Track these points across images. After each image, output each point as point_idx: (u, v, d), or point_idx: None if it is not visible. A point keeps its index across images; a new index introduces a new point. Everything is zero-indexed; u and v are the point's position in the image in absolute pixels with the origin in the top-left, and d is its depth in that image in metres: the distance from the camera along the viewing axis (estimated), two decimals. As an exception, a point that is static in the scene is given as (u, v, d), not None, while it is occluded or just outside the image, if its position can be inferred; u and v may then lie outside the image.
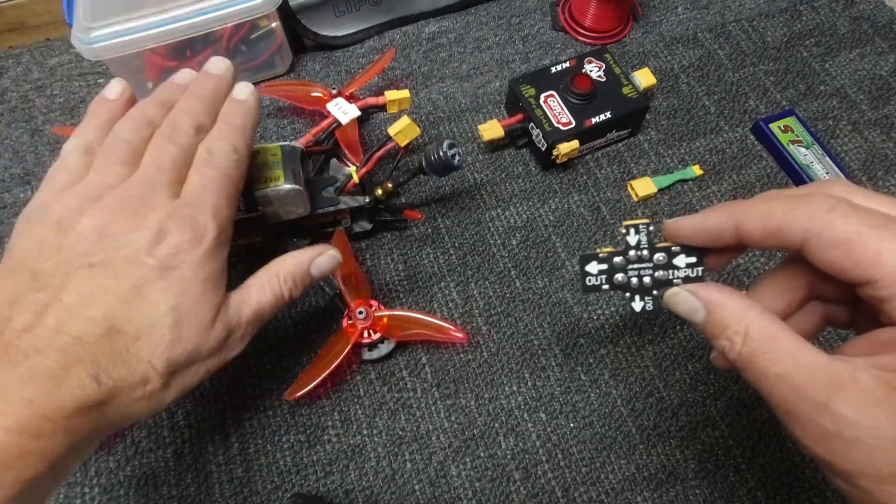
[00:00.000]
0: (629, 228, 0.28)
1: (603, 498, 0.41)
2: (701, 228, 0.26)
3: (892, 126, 0.55)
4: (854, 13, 0.62)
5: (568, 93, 0.51)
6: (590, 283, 0.28)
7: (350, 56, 0.60)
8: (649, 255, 0.27)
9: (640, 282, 0.28)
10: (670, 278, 0.27)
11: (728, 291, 0.25)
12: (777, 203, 0.23)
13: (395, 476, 0.42)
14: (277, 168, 0.42)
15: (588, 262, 0.28)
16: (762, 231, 0.23)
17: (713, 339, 0.24)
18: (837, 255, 0.21)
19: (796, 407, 0.21)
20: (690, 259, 0.27)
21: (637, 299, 0.28)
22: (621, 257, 0.28)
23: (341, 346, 0.42)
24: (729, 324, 0.23)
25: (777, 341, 0.22)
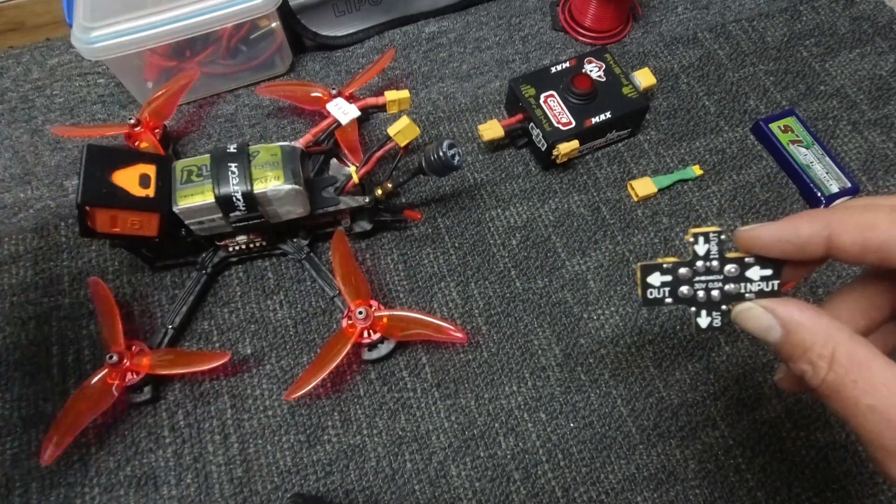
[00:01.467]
0: (697, 237, 0.25)
1: (603, 498, 0.41)
2: (785, 238, 0.23)
3: (892, 126, 0.55)
4: (854, 13, 0.62)
5: (568, 93, 0.51)
6: (651, 297, 0.25)
7: (350, 56, 0.60)
8: (719, 266, 0.25)
9: (707, 295, 0.25)
10: (742, 292, 0.25)
11: (811, 310, 0.22)
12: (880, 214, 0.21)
13: (395, 476, 0.42)
14: (277, 168, 0.42)
15: (650, 273, 0.25)
16: (861, 246, 0.21)
17: (790, 362, 0.22)
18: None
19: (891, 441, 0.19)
20: (766, 272, 0.24)
21: (703, 315, 0.25)
22: (687, 268, 0.25)
23: (341, 346, 0.42)
24: (812, 346, 0.21)
25: (869, 369, 0.20)
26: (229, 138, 0.55)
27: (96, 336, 0.46)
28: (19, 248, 0.50)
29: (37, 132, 0.56)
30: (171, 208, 0.41)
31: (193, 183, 0.41)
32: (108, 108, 0.57)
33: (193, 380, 0.45)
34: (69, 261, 0.49)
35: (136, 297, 0.47)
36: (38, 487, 0.41)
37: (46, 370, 0.45)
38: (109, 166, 0.40)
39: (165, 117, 0.51)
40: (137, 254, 0.46)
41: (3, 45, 0.61)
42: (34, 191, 0.53)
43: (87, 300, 0.47)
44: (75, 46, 0.47)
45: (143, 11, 0.48)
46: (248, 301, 0.47)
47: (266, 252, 0.48)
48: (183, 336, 0.46)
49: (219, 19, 0.49)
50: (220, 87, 0.57)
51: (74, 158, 0.54)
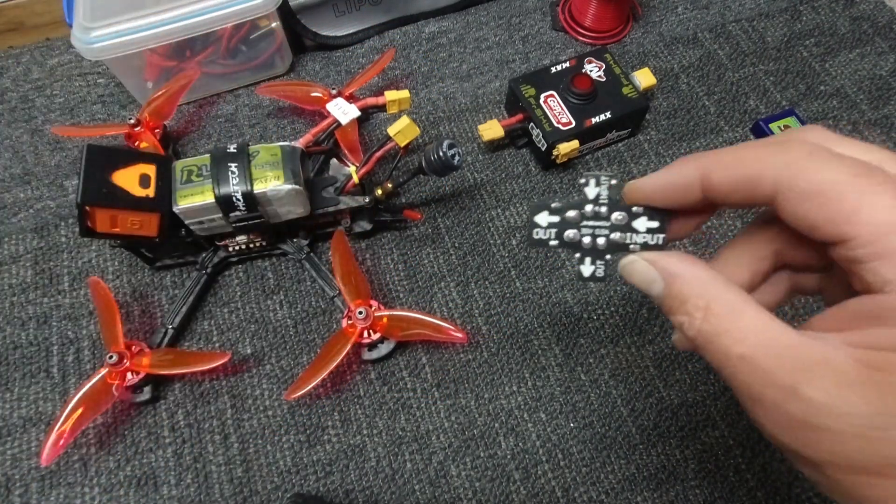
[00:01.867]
0: (589, 179, 0.25)
1: (603, 498, 0.41)
2: (665, 183, 0.23)
3: (892, 126, 0.55)
4: (854, 13, 0.62)
5: (568, 93, 0.51)
6: (537, 237, 0.25)
7: (350, 56, 0.60)
8: (608, 212, 0.25)
9: (593, 242, 0.25)
10: (627, 242, 0.24)
11: (690, 262, 0.22)
12: (748, 151, 0.21)
13: (395, 476, 0.42)
14: (277, 168, 0.42)
15: (538, 211, 0.25)
16: (731, 182, 0.21)
17: (671, 315, 0.22)
18: (811, 209, 0.19)
19: (760, 391, 0.19)
20: (652, 224, 0.24)
21: (587, 262, 0.25)
22: (576, 211, 0.25)
23: (341, 346, 0.42)
24: (689, 297, 0.21)
25: (741, 318, 0.20)
26: (229, 138, 0.55)
27: (96, 336, 0.46)
28: (19, 248, 0.50)
29: (37, 132, 0.56)
30: (171, 208, 0.41)
31: (193, 183, 0.41)
32: (108, 108, 0.57)
33: (193, 380, 0.45)
34: (69, 261, 0.49)
35: (136, 297, 0.47)
36: (38, 487, 0.41)
37: (46, 370, 0.45)
38: (109, 166, 0.40)
39: (165, 117, 0.51)
40: (137, 254, 0.46)
41: (3, 45, 0.61)
42: (34, 191, 0.53)
43: (87, 300, 0.47)
44: (75, 46, 0.47)
45: (143, 11, 0.48)
46: (248, 301, 0.47)
47: (266, 252, 0.48)
48: (183, 336, 0.46)
49: (219, 19, 0.49)
50: (220, 87, 0.57)
51: (74, 158, 0.54)
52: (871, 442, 0.17)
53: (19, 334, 0.46)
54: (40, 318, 0.47)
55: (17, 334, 0.46)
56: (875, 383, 0.17)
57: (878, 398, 0.17)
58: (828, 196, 0.19)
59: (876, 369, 0.17)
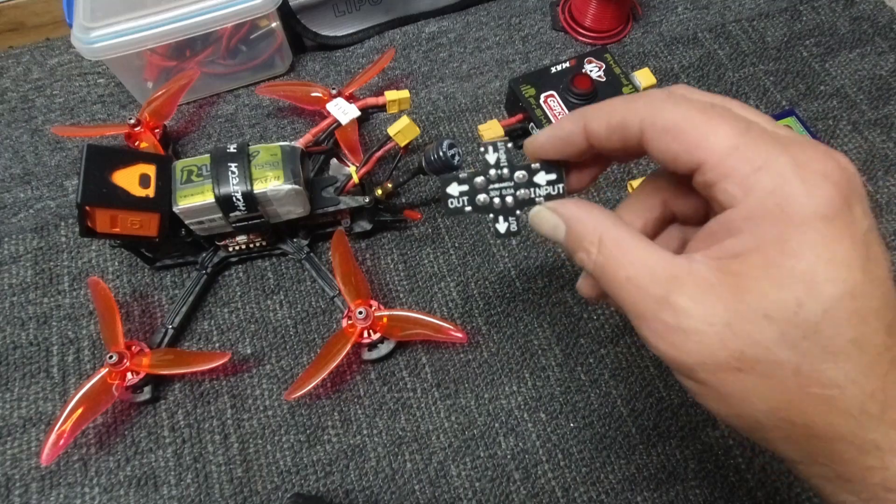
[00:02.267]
0: (487, 146, 0.27)
1: (603, 498, 0.41)
2: (554, 136, 0.26)
3: (892, 126, 0.55)
4: (854, 13, 0.62)
5: (568, 93, 0.51)
6: (452, 206, 0.27)
7: (350, 56, 0.60)
8: (510, 173, 0.27)
9: (502, 202, 0.27)
10: (532, 197, 0.27)
11: (585, 205, 0.24)
12: (618, 100, 0.23)
13: (395, 476, 0.42)
14: (277, 168, 0.42)
15: (448, 183, 0.27)
16: (605, 127, 0.23)
17: (573, 254, 0.24)
18: (669, 141, 0.21)
19: (641, 305, 0.21)
20: (551, 176, 0.27)
21: (501, 220, 0.27)
22: (482, 177, 0.27)
23: (341, 346, 0.42)
24: (585, 235, 0.23)
25: (625, 246, 0.22)
26: (229, 138, 0.55)
27: (96, 336, 0.46)
28: (19, 248, 0.50)
29: (37, 132, 0.56)
30: (171, 208, 0.41)
31: (193, 183, 0.41)
32: (108, 108, 0.57)
33: (193, 380, 0.45)
34: (69, 261, 0.49)
35: (136, 297, 0.47)
36: (38, 487, 0.41)
37: (46, 370, 0.45)
38: (109, 166, 0.40)
39: (165, 117, 0.51)
40: (137, 254, 0.46)
41: (3, 45, 0.61)
42: (34, 191, 0.53)
43: (87, 300, 0.47)
44: (75, 46, 0.47)
45: (143, 11, 0.48)
46: (248, 301, 0.47)
47: (266, 252, 0.48)
48: (183, 336, 0.46)
49: (219, 19, 0.49)
50: (220, 87, 0.57)
51: (74, 158, 0.54)
52: (729, 339, 0.19)
53: (19, 334, 0.46)
54: (40, 318, 0.47)
55: (17, 334, 0.46)
56: (729, 286, 0.20)
57: (731, 298, 0.19)
58: (682, 128, 0.21)
59: (729, 273, 0.20)
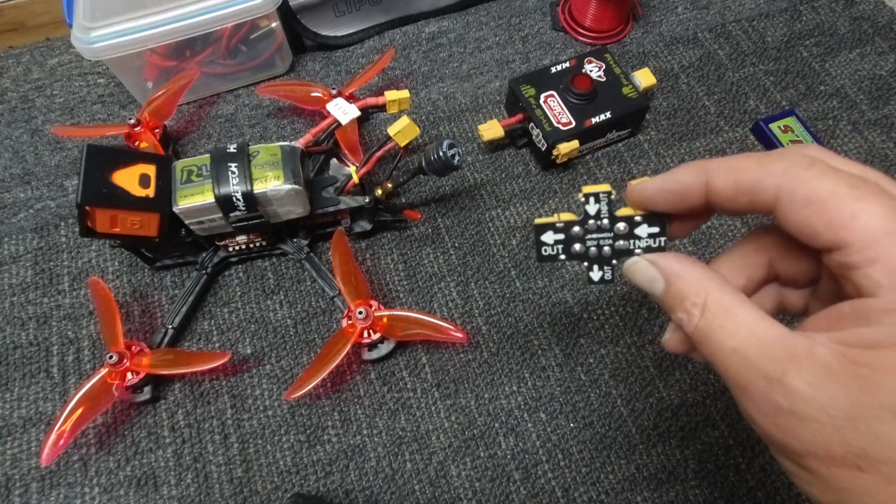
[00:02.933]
0: (588, 196, 0.26)
1: (603, 498, 0.41)
2: (667, 188, 0.24)
3: (892, 126, 0.55)
4: (854, 13, 0.62)
5: (568, 93, 0.51)
6: (545, 253, 0.26)
7: (350, 56, 0.60)
8: (609, 224, 0.26)
9: (598, 251, 0.26)
10: (631, 248, 0.26)
11: (688, 261, 0.23)
12: (750, 158, 0.22)
13: (395, 476, 0.42)
14: (277, 168, 0.42)
15: (544, 231, 0.26)
16: (733, 188, 0.22)
17: (671, 312, 0.23)
18: (810, 215, 0.20)
19: (749, 381, 0.20)
20: (653, 229, 0.25)
21: (595, 269, 0.26)
22: (579, 227, 0.26)
23: (341, 346, 0.42)
24: (688, 294, 0.22)
25: (734, 313, 0.21)
26: (229, 138, 0.55)
27: (96, 336, 0.46)
28: (19, 248, 0.50)
29: (37, 132, 0.56)
30: (171, 208, 0.41)
31: (193, 183, 0.41)
32: (108, 108, 0.57)
33: (193, 380, 0.45)
34: (69, 261, 0.49)
35: (136, 297, 0.47)
36: (38, 487, 0.41)
37: (46, 370, 0.45)
38: (109, 166, 0.40)
39: (165, 117, 0.51)
40: (137, 254, 0.46)
41: (3, 45, 0.61)
42: (34, 191, 0.53)
43: (87, 300, 0.47)
44: (75, 46, 0.47)
45: (143, 11, 0.48)
46: (248, 301, 0.47)
47: (266, 252, 0.48)
48: (183, 336, 0.46)
49: (219, 19, 0.49)
50: (220, 87, 0.57)
51: (74, 158, 0.54)
52: (850, 434, 0.18)
53: (19, 334, 0.46)
54: (40, 318, 0.47)
55: (17, 334, 0.46)
56: (857, 377, 0.18)
57: (858, 391, 0.18)
58: (826, 204, 0.20)
59: (858, 364, 0.18)
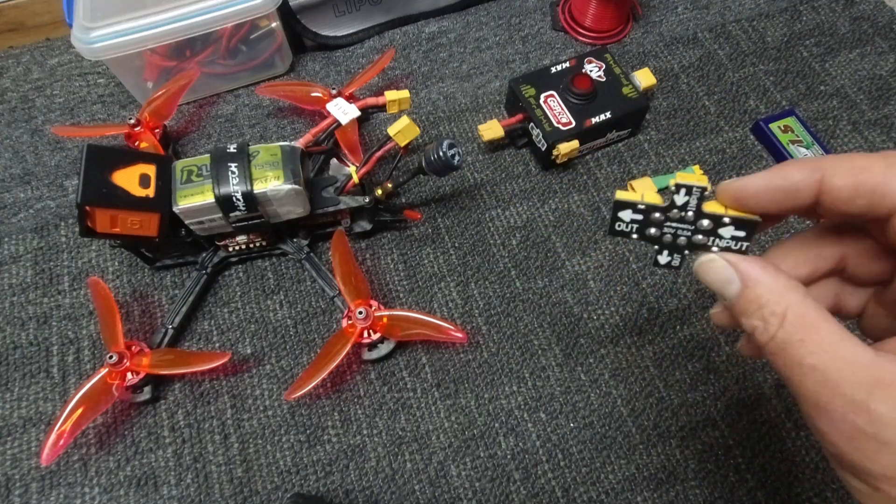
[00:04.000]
0: (680, 188, 0.24)
1: (603, 498, 0.41)
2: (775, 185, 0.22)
3: (892, 126, 0.55)
4: (854, 13, 0.62)
5: (568, 93, 0.51)
6: (619, 228, 0.25)
7: (350, 56, 0.60)
8: (694, 218, 0.24)
9: (673, 240, 0.25)
10: (708, 244, 0.24)
11: (771, 268, 0.22)
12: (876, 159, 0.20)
13: (395, 476, 0.42)
14: (277, 168, 0.42)
15: (623, 208, 0.25)
16: (853, 187, 0.20)
17: (743, 317, 0.22)
18: None
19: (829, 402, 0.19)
20: (739, 233, 0.24)
21: (665, 254, 0.25)
22: (660, 213, 0.24)
23: (341, 347, 0.42)
24: (766, 303, 0.21)
25: (818, 331, 0.20)
26: (229, 138, 0.55)
27: (96, 336, 0.46)
28: (19, 248, 0.50)
29: (37, 132, 0.56)
30: (171, 208, 0.41)
31: (193, 183, 0.41)
32: (108, 108, 0.57)
33: (193, 380, 0.45)
34: (69, 261, 0.49)
35: (136, 297, 0.47)
36: (38, 487, 0.41)
37: (46, 370, 0.45)
38: (109, 166, 0.40)
39: (165, 117, 0.51)
40: (137, 254, 0.46)
41: (3, 45, 0.61)
42: (34, 191, 0.53)
43: (87, 300, 0.47)
44: (75, 46, 0.47)
45: (143, 11, 0.48)
46: (248, 301, 0.47)
47: (266, 252, 0.48)
48: (183, 336, 0.46)
49: (219, 19, 0.49)
50: (220, 87, 0.57)
51: (74, 158, 0.54)
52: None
53: (19, 334, 0.46)
54: (40, 318, 0.47)
55: (17, 334, 0.46)
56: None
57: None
58: None
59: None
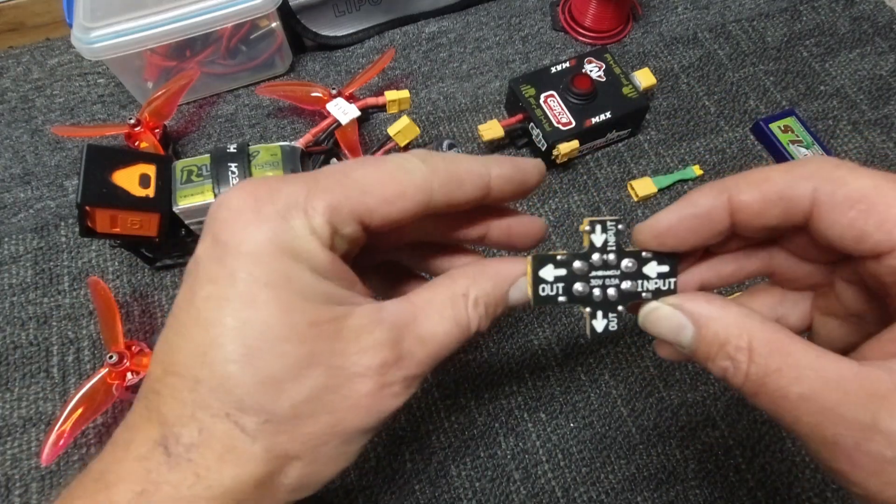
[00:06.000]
0: (594, 225, 0.22)
1: (603, 498, 0.41)
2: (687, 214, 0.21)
3: (892, 126, 0.55)
4: (854, 13, 0.62)
5: (568, 93, 0.51)
6: (543, 294, 0.22)
7: (350, 56, 0.60)
8: (616, 260, 0.22)
9: (603, 293, 0.22)
10: (639, 290, 0.22)
11: (718, 300, 0.20)
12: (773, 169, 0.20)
13: (395, 476, 0.42)
14: (277, 168, 0.42)
15: (543, 265, 0.22)
16: (761, 199, 0.19)
17: (708, 362, 0.19)
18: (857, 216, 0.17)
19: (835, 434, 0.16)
20: (662, 268, 0.22)
21: (599, 317, 0.22)
22: (583, 262, 0.22)
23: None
24: (727, 339, 0.19)
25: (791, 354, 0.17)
26: (229, 138, 0.55)
27: (96, 336, 0.46)
28: (19, 248, 0.50)
29: (37, 132, 0.56)
30: (171, 208, 0.41)
31: (193, 183, 0.41)
32: (108, 108, 0.57)
33: (193, 380, 0.44)
34: (69, 261, 0.49)
35: (136, 297, 0.47)
36: (38, 487, 0.41)
37: (46, 370, 0.45)
38: (109, 166, 0.40)
39: (165, 117, 0.51)
40: (137, 254, 0.46)
41: (3, 45, 0.61)
42: (34, 191, 0.53)
43: (87, 300, 0.47)
44: (75, 46, 0.47)
45: (143, 11, 0.48)
46: (248, 301, 0.47)
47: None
48: (183, 336, 0.46)
49: (219, 19, 0.49)
50: (220, 87, 0.57)
51: (74, 158, 0.54)
52: None
53: (19, 334, 0.46)
54: (40, 318, 0.47)
55: (17, 334, 0.46)
56: None
57: None
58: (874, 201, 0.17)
59: None
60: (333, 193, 0.19)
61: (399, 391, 0.20)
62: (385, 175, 0.20)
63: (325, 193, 0.19)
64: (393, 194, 0.20)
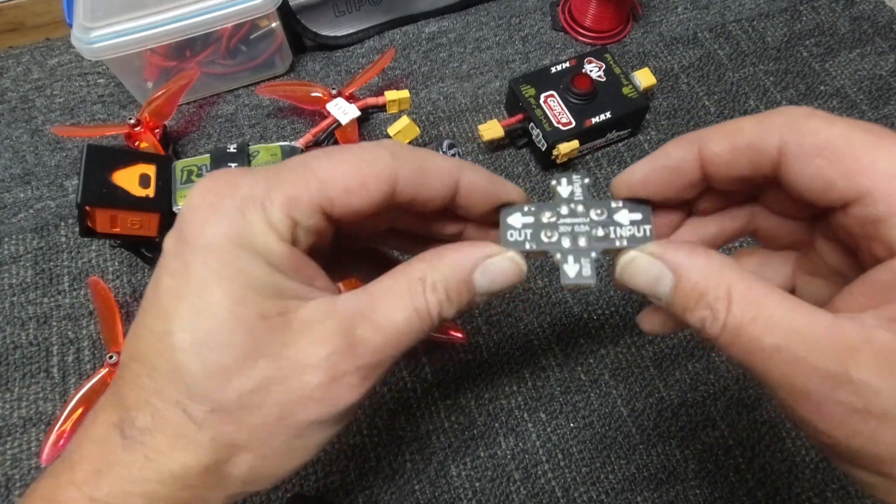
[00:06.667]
0: (560, 178, 0.23)
1: (603, 498, 0.41)
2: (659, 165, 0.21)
3: (893, 126, 0.55)
4: (854, 13, 0.62)
5: (568, 93, 0.51)
6: (511, 239, 0.22)
7: (350, 56, 0.60)
8: (585, 209, 0.22)
9: (573, 241, 0.22)
10: (612, 237, 0.22)
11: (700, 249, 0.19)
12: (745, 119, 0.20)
13: (395, 476, 0.42)
14: (277, 168, 0.42)
15: (510, 214, 0.23)
16: (730, 149, 0.19)
17: (687, 314, 0.19)
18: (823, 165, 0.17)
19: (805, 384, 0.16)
20: (635, 216, 0.22)
21: (570, 262, 0.22)
22: (551, 212, 0.22)
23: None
24: (707, 289, 0.18)
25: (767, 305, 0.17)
26: (229, 138, 0.55)
27: (96, 336, 0.46)
28: (19, 248, 0.50)
29: (37, 132, 0.56)
30: (171, 208, 0.41)
31: (193, 183, 0.41)
32: (108, 108, 0.57)
33: (193, 380, 0.44)
34: (69, 261, 0.49)
35: (136, 297, 0.47)
36: (38, 487, 0.41)
37: (46, 370, 0.45)
38: (109, 166, 0.40)
39: (165, 117, 0.51)
40: (137, 254, 0.46)
41: (3, 45, 0.61)
42: (34, 191, 0.53)
43: (87, 300, 0.47)
44: (75, 46, 0.47)
45: (143, 11, 0.48)
46: (248, 301, 0.47)
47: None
48: (183, 336, 0.46)
49: (219, 19, 0.49)
50: (220, 87, 0.57)
51: (74, 158, 0.54)
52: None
53: (19, 334, 0.46)
54: (40, 318, 0.47)
55: (17, 334, 0.46)
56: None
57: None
58: (841, 150, 0.17)
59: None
60: (293, 185, 0.19)
61: (355, 382, 0.19)
62: (347, 165, 0.20)
63: (284, 185, 0.19)
64: (355, 184, 0.20)
